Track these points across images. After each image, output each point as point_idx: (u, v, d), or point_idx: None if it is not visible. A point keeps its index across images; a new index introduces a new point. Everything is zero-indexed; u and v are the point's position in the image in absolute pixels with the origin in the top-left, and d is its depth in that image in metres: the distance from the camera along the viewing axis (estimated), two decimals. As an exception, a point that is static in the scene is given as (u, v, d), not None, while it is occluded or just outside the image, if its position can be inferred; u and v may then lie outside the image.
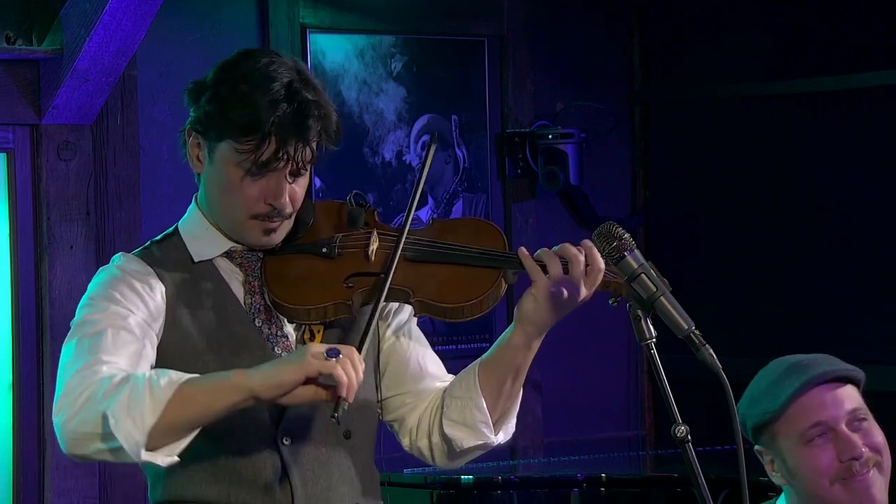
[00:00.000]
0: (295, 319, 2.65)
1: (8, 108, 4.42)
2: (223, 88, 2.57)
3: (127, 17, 4.22)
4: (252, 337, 2.63)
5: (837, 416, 2.82)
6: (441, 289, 2.64)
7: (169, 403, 2.37)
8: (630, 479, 4.70)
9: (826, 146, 5.46)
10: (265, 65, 2.57)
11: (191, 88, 2.63)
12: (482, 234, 2.70)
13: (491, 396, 2.70)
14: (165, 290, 2.61)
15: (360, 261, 2.66)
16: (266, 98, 2.53)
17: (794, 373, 2.86)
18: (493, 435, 2.72)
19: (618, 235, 2.51)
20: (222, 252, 2.67)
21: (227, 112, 2.55)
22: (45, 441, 4.51)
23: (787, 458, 2.85)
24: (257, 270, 2.67)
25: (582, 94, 5.79)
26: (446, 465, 2.78)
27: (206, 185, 2.66)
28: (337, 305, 2.63)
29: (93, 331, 2.53)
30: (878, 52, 5.29)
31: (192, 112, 2.62)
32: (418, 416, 2.77)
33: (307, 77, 2.61)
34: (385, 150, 5.38)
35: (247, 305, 2.65)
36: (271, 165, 2.55)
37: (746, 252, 5.70)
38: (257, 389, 2.38)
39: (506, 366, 2.69)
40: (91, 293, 2.61)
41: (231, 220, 2.64)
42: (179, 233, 2.70)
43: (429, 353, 2.82)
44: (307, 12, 5.15)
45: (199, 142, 2.62)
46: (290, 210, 2.62)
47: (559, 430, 5.72)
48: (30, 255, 4.50)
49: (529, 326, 2.66)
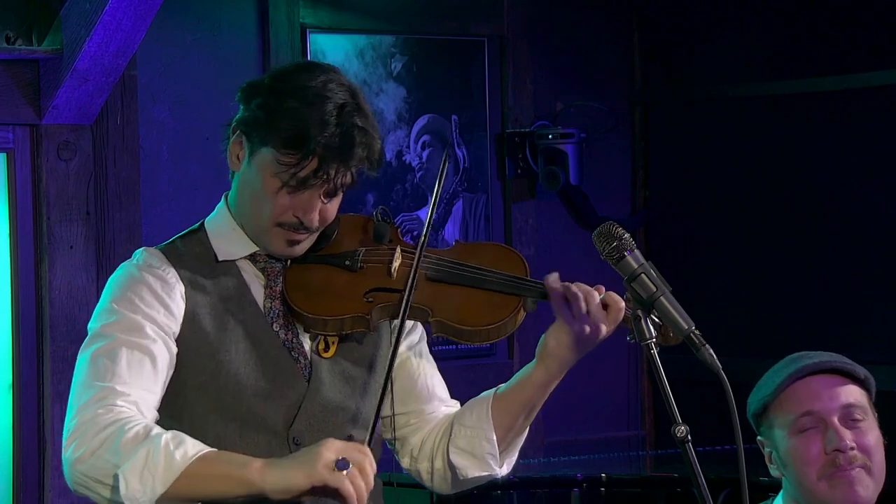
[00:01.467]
0: (311, 329, 2.65)
1: (8, 108, 4.43)
2: (276, 97, 2.57)
3: (127, 17, 4.22)
4: (269, 341, 2.64)
5: (830, 408, 2.82)
6: (460, 311, 2.65)
7: (181, 476, 2.38)
8: (630, 479, 4.70)
9: (826, 146, 5.46)
10: (322, 83, 2.58)
11: (245, 88, 2.63)
12: (504, 260, 2.71)
13: (502, 430, 2.72)
14: (185, 290, 2.61)
15: (382, 276, 2.66)
16: (317, 117, 2.54)
17: (794, 362, 2.88)
18: (498, 468, 2.75)
19: (618, 235, 2.51)
20: (247, 254, 2.68)
21: (275, 121, 2.55)
22: (45, 441, 4.52)
23: (779, 447, 2.85)
24: (279, 276, 2.67)
25: (582, 94, 5.79)
26: (444, 490, 2.81)
27: (239, 185, 2.66)
28: (355, 319, 2.63)
29: (108, 347, 2.52)
30: (878, 52, 5.29)
31: (242, 111, 2.62)
32: (421, 439, 2.78)
33: (360, 102, 2.61)
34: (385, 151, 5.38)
35: (266, 309, 2.66)
36: (308, 183, 2.56)
37: (746, 252, 5.70)
38: (267, 490, 2.39)
39: (522, 401, 2.71)
40: (111, 296, 2.60)
41: (257, 224, 2.64)
42: (205, 229, 2.70)
43: (437, 376, 2.84)
44: (307, 12, 5.15)
45: (241, 141, 2.62)
46: (317, 226, 2.63)
47: (559, 430, 5.72)
48: (30, 255, 4.50)
49: (552, 363, 2.68)
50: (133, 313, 2.55)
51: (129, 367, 2.50)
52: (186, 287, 2.61)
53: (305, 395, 2.62)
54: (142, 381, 2.51)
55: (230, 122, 2.65)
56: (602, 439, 5.76)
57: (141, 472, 2.38)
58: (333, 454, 2.36)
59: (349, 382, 2.67)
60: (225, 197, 2.72)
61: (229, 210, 2.69)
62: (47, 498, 4.52)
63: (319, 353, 2.65)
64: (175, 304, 2.59)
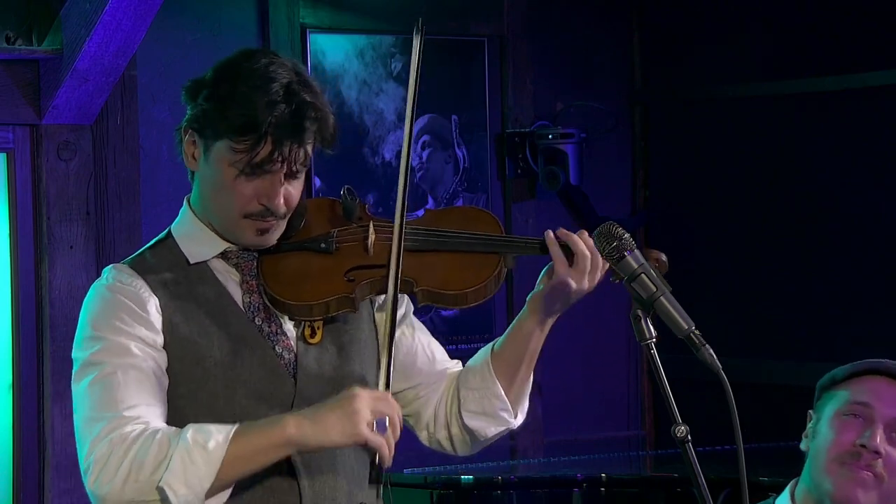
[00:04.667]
0: (297, 316, 2.64)
1: (8, 108, 4.42)
2: (221, 87, 2.56)
3: (127, 17, 4.22)
4: (252, 336, 2.63)
5: (884, 413, 2.83)
6: (444, 276, 2.65)
7: (223, 465, 2.43)
8: (630, 479, 4.70)
9: (826, 146, 5.46)
10: (264, 65, 2.56)
11: (189, 86, 2.62)
12: (478, 221, 2.72)
13: (506, 382, 2.74)
14: (159, 302, 2.59)
15: (360, 254, 2.66)
16: (264, 99, 2.52)
17: (875, 361, 2.90)
18: (513, 419, 2.77)
19: (618, 235, 2.52)
20: (217, 253, 2.66)
21: (224, 111, 2.54)
22: (45, 441, 4.51)
23: (821, 420, 2.88)
24: (254, 270, 2.66)
25: (582, 94, 5.79)
26: (467, 453, 2.83)
27: (199, 184, 2.65)
28: (340, 300, 2.63)
29: (102, 374, 2.52)
30: (878, 52, 5.29)
31: (190, 110, 2.61)
32: (434, 409, 2.79)
33: (306, 78, 2.60)
34: (385, 150, 5.38)
35: (245, 305, 2.64)
36: (266, 166, 2.54)
37: (746, 252, 5.70)
38: (311, 444, 2.47)
39: (520, 351, 2.73)
40: (89, 322, 2.59)
41: (224, 219, 2.62)
42: (173, 235, 2.69)
43: (433, 341, 2.85)
44: (307, 12, 5.16)
45: (194, 140, 2.61)
46: (284, 211, 2.61)
47: (559, 430, 5.72)
48: (30, 255, 4.50)
49: (543, 313, 2.71)
50: (116, 336, 2.55)
51: (128, 390, 2.51)
52: (161, 297, 2.60)
53: (295, 391, 2.61)
54: (143, 398, 2.51)
55: (180, 125, 2.64)
56: (602, 439, 5.76)
57: (184, 476, 2.41)
58: (370, 412, 2.44)
59: (338, 369, 2.66)
60: (187, 200, 2.70)
61: (193, 212, 2.68)
62: (47, 498, 4.52)
63: (306, 340, 2.65)
64: (152, 317, 2.58)
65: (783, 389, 5.45)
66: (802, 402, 3.02)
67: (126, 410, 2.49)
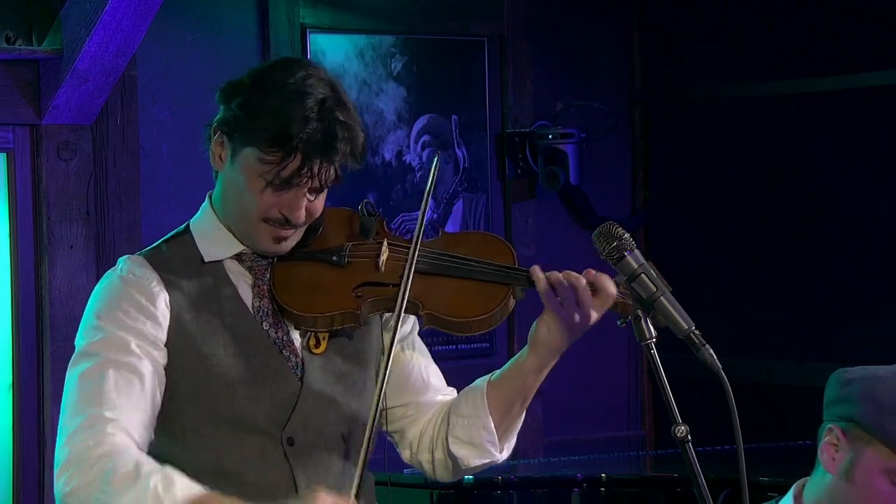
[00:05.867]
0: (301, 326, 2.64)
1: (8, 108, 4.42)
2: (255, 96, 2.55)
3: (127, 17, 4.22)
4: (258, 340, 2.63)
5: None
6: (451, 302, 2.64)
7: None
8: (630, 479, 4.69)
9: (826, 146, 5.46)
10: (301, 78, 2.55)
11: (224, 88, 2.60)
12: (491, 249, 2.71)
13: (498, 416, 2.72)
14: (170, 297, 2.59)
15: (371, 270, 2.65)
16: (298, 113, 2.51)
17: None
18: (498, 453, 2.75)
19: (618, 235, 2.51)
20: (233, 254, 2.66)
21: (256, 120, 2.53)
22: (45, 441, 4.51)
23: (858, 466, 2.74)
24: (266, 275, 2.66)
25: (582, 94, 5.80)
26: (447, 479, 2.80)
27: (223, 184, 2.64)
28: (345, 314, 2.62)
29: (95, 368, 2.51)
30: (878, 52, 5.29)
31: (222, 111, 2.60)
32: (420, 430, 2.78)
33: (341, 95, 2.58)
34: (385, 151, 5.38)
35: (254, 309, 2.64)
36: (293, 181, 2.54)
37: (746, 252, 5.70)
38: None
39: (516, 388, 2.72)
40: (95, 310, 2.59)
41: (243, 222, 2.62)
42: (191, 231, 2.69)
43: (431, 365, 2.83)
44: (307, 12, 5.16)
45: (223, 141, 2.60)
46: (303, 222, 2.61)
47: (559, 430, 5.72)
48: (30, 255, 4.50)
49: (543, 351, 2.69)
50: (118, 329, 2.54)
51: (116, 390, 2.49)
52: (171, 293, 2.59)
53: (299, 394, 2.61)
54: (130, 402, 2.49)
55: (211, 122, 2.63)
56: (602, 439, 5.76)
57: None
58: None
59: (341, 380, 2.67)
60: (209, 197, 2.70)
61: (214, 210, 2.68)
62: (47, 498, 4.52)
63: (310, 350, 2.64)
64: (160, 312, 2.57)
65: (783, 389, 5.46)
66: (802, 402, 3.02)
67: (109, 411, 2.47)
